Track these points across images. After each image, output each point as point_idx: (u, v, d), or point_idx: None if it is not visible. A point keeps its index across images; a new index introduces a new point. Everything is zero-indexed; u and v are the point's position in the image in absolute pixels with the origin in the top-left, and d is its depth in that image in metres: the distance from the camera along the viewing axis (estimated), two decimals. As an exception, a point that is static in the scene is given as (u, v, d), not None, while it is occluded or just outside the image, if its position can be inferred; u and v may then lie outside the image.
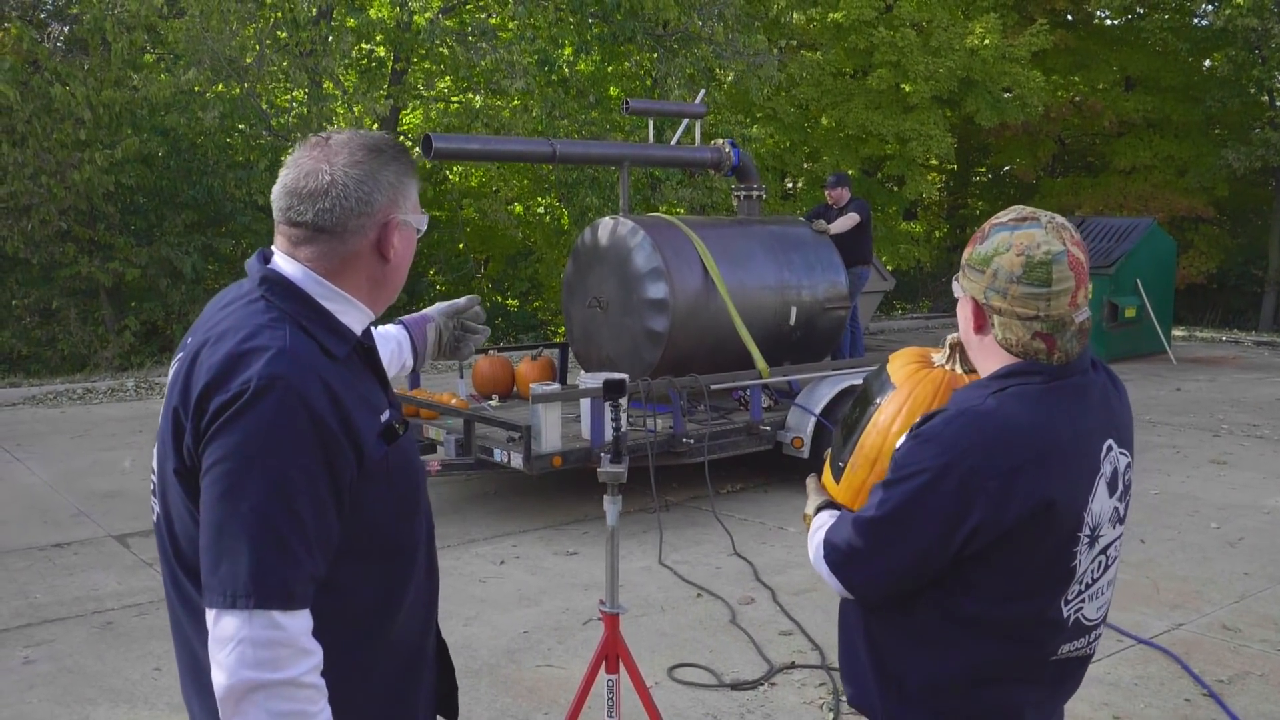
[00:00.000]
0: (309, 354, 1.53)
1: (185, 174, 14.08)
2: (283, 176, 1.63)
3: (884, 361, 2.05)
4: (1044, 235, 1.70)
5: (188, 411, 1.51)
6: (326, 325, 1.60)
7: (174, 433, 1.54)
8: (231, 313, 1.58)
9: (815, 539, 1.87)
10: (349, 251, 1.62)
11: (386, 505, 1.61)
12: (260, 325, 1.53)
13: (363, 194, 1.60)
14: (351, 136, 1.64)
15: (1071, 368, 1.74)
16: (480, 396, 7.74)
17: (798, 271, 7.90)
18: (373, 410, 1.60)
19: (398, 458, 1.63)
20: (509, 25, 15.65)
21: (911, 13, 18.01)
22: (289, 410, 1.46)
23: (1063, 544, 1.71)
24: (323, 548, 1.50)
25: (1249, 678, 4.35)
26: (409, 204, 1.67)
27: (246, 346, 1.50)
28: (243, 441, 1.45)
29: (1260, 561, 5.83)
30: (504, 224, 17.25)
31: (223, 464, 1.45)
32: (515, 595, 5.26)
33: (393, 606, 1.65)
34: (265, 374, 1.46)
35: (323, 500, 1.49)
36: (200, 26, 12.82)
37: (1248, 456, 8.39)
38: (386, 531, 1.62)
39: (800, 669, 4.38)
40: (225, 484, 1.45)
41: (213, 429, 1.47)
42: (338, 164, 1.60)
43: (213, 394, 1.48)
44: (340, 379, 1.55)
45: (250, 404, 1.45)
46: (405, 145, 1.71)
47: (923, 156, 18.68)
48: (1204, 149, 20.85)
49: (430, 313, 2.31)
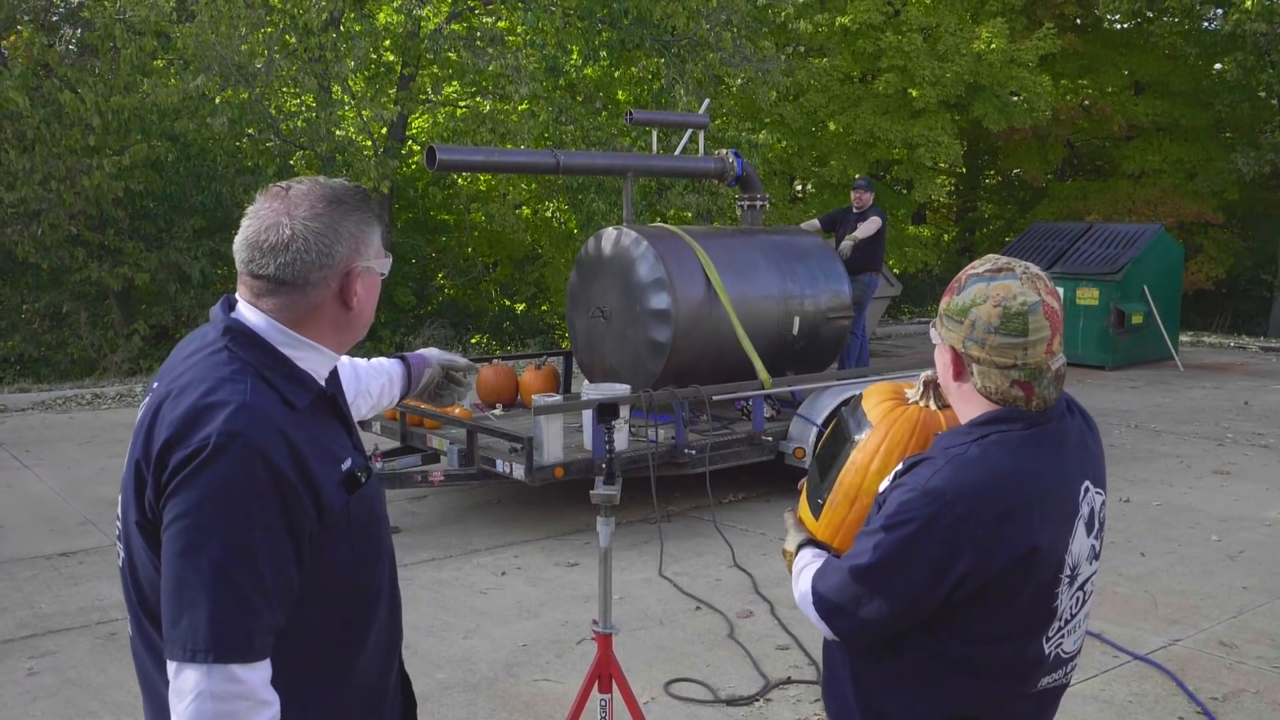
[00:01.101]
0: (270, 408, 1.55)
1: (194, 179, 14.17)
2: (244, 228, 1.64)
3: (858, 397, 2.08)
4: (1019, 286, 1.74)
5: (149, 465, 1.54)
6: (289, 375, 1.62)
7: (136, 485, 1.57)
8: (195, 364, 1.60)
9: (801, 583, 1.90)
10: (311, 303, 1.64)
11: (347, 553, 1.63)
12: (222, 378, 1.55)
13: (323, 246, 1.62)
14: (312, 187, 1.65)
15: (1049, 413, 1.78)
16: (484, 405, 7.78)
17: (801, 281, 7.92)
18: (334, 460, 1.62)
19: (359, 506, 1.65)
20: (517, 30, 15.70)
21: (919, 17, 18.01)
22: (248, 467, 1.49)
23: (1046, 586, 1.76)
24: (282, 599, 1.53)
25: (1244, 695, 4.36)
26: (371, 251, 1.69)
27: (207, 401, 1.52)
28: (202, 498, 1.47)
29: (1260, 575, 5.84)
30: (512, 228, 17.31)
31: (183, 520, 1.48)
32: (515, 607, 5.30)
33: (354, 650, 1.68)
34: (225, 430, 1.49)
35: (282, 554, 1.51)
36: (210, 32, 12.91)
37: (1251, 466, 8.39)
38: (347, 578, 1.65)
39: (796, 684, 4.41)
40: (185, 539, 1.48)
41: (173, 484, 1.49)
42: (298, 216, 1.61)
43: (173, 449, 1.50)
44: (301, 431, 1.57)
45: (210, 460, 1.48)
46: (366, 192, 1.72)
47: (930, 161, 18.67)
48: (1213, 153, 20.79)
49: (430, 357, 2.37)
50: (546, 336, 17.80)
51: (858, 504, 1.93)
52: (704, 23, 14.59)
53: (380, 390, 2.19)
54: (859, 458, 1.95)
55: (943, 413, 1.95)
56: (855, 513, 1.93)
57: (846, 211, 10.63)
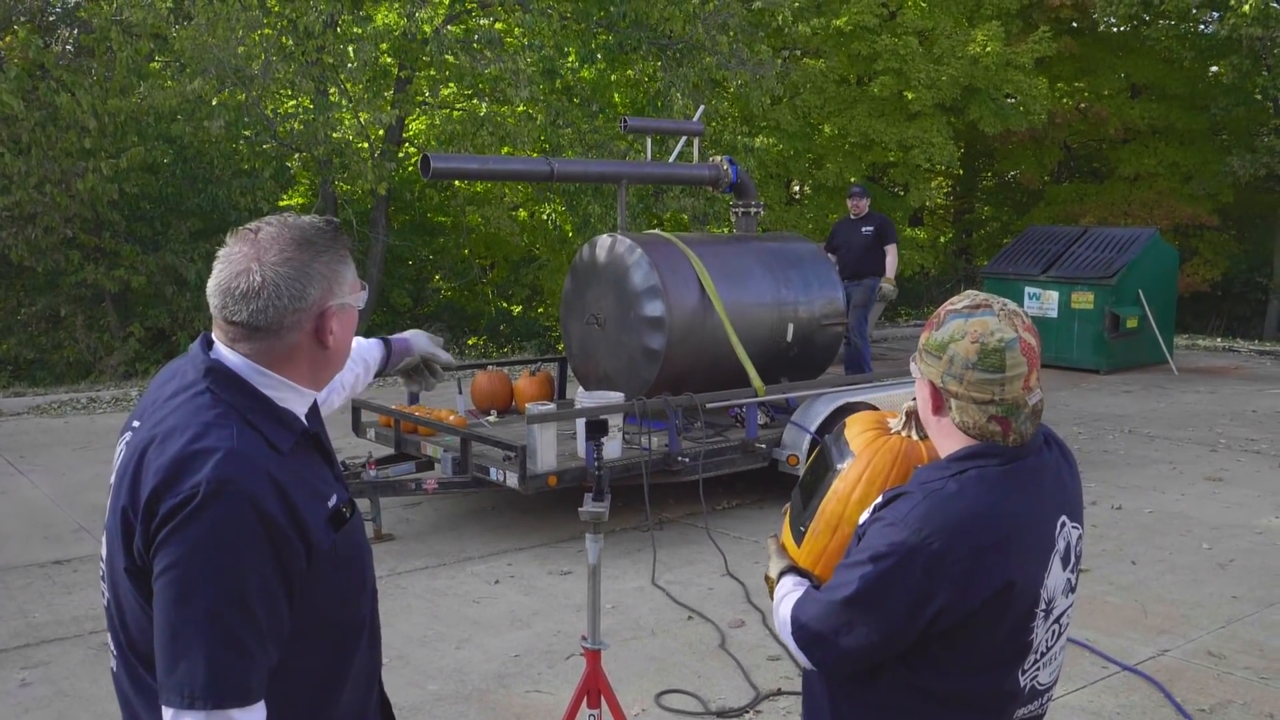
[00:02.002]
0: (256, 452, 1.55)
1: (190, 182, 14.20)
2: (216, 271, 1.64)
3: (841, 426, 2.10)
4: (997, 323, 1.76)
5: (137, 513, 1.54)
6: (271, 416, 1.62)
7: (123, 532, 1.57)
8: (177, 407, 1.60)
9: (781, 611, 1.92)
10: (287, 346, 1.65)
11: (334, 589, 1.65)
12: (207, 423, 1.56)
13: (295, 291, 1.61)
14: (280, 230, 1.65)
15: (1026, 449, 1.81)
16: (479, 412, 7.80)
17: (795, 288, 7.94)
18: (320, 498, 1.64)
19: (345, 542, 1.67)
20: (515, 32, 15.72)
21: (914, 20, 18.05)
22: (239, 513, 1.49)
23: (1022, 620, 1.78)
24: (275, 639, 1.55)
25: (1231, 707, 4.38)
26: (345, 288, 1.69)
27: (194, 448, 1.52)
28: (194, 547, 1.48)
29: (1249, 584, 5.86)
30: (508, 230, 17.34)
31: (175, 569, 1.49)
32: (508, 617, 5.32)
33: (338, 680, 1.69)
34: (214, 478, 1.49)
35: (274, 596, 1.53)
36: (207, 34, 12.92)
37: (1243, 473, 8.41)
38: (333, 613, 1.67)
39: (786, 695, 4.43)
40: (179, 588, 1.48)
41: (163, 533, 1.50)
42: (268, 262, 1.61)
43: (162, 498, 1.50)
44: (288, 472, 1.58)
45: (200, 509, 1.48)
46: (337, 226, 1.71)
47: (926, 164, 18.71)
48: (1209, 156, 20.84)
49: (415, 347, 2.39)
50: (543, 339, 17.83)
51: (839, 533, 1.95)
52: (700, 26, 14.61)
53: (355, 380, 2.22)
54: (840, 487, 1.97)
55: (925, 443, 1.97)
56: (836, 541, 1.95)
57: (845, 221, 10.69)
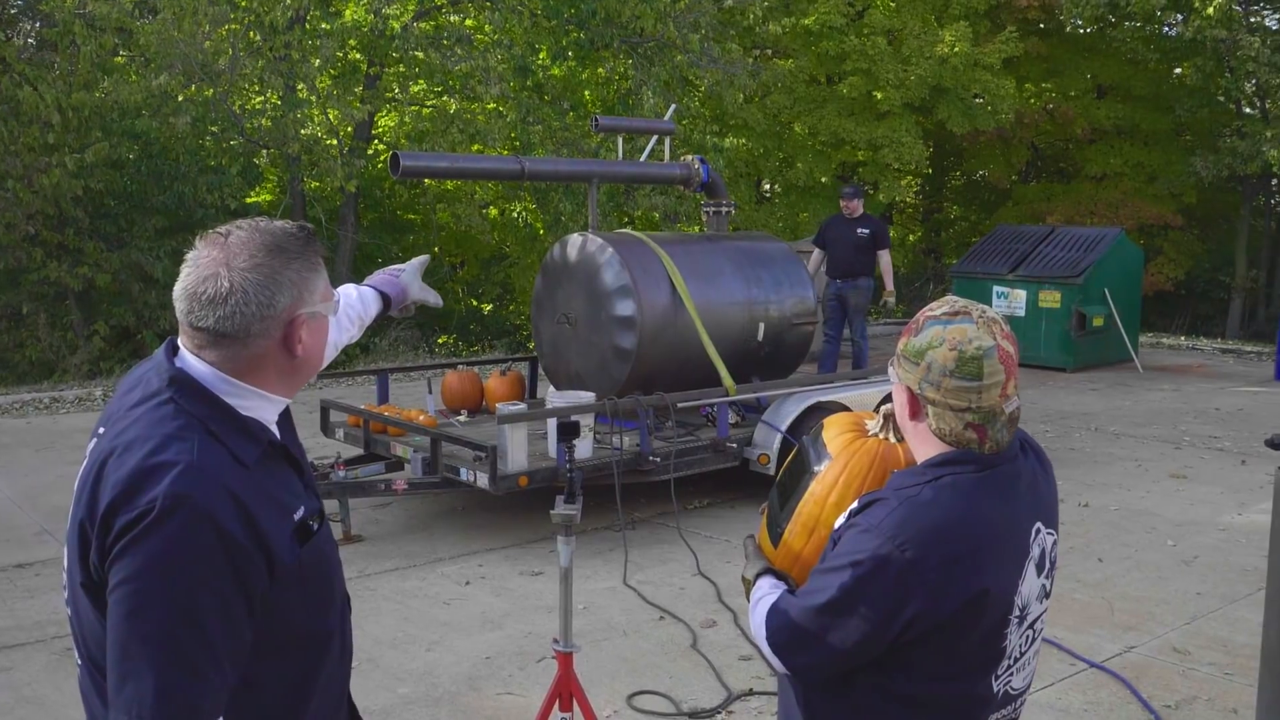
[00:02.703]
0: (218, 466, 1.51)
1: (156, 178, 14.03)
2: (183, 275, 1.60)
3: (819, 427, 2.11)
4: (975, 330, 1.76)
5: (93, 526, 1.50)
6: (237, 428, 1.58)
7: (80, 546, 1.54)
8: (139, 417, 1.56)
9: (756, 614, 1.92)
10: (254, 354, 1.60)
11: (299, 604, 1.61)
12: (168, 435, 1.52)
13: (264, 298, 1.57)
14: (251, 235, 1.61)
15: (1002, 456, 1.81)
16: (449, 412, 7.76)
17: (765, 288, 7.96)
18: (285, 511, 1.60)
19: (311, 556, 1.63)
20: (485, 29, 15.66)
21: (882, 20, 18.14)
22: (195, 530, 1.45)
23: (996, 627, 1.79)
24: (234, 659, 1.51)
25: (1196, 702, 4.43)
26: (316, 296, 1.65)
27: (153, 462, 1.48)
28: (148, 563, 1.44)
29: (1212, 581, 5.93)
30: (478, 228, 17.28)
31: (128, 584, 1.45)
32: (479, 618, 5.29)
33: (306, 695, 1.67)
34: (171, 493, 1.45)
35: (232, 616, 1.49)
36: (172, 28, 12.77)
37: (1207, 470, 8.52)
38: (299, 628, 1.63)
39: (758, 696, 4.44)
40: (130, 604, 1.45)
41: (118, 548, 1.46)
42: (237, 267, 1.57)
43: (118, 511, 1.47)
44: (251, 487, 1.54)
45: (156, 524, 1.44)
46: (310, 232, 1.67)
47: (895, 163, 18.83)
48: (1173, 156, 21.11)
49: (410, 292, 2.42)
50: (513, 337, 17.79)
51: (815, 535, 1.95)
52: (672, 25, 14.62)
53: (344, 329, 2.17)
54: (817, 489, 1.97)
55: (902, 445, 1.98)
56: (813, 544, 1.96)
57: (838, 219, 10.71)
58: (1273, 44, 17.81)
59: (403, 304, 2.38)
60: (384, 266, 2.47)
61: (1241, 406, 11.39)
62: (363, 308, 2.24)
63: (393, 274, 2.40)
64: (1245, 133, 19.02)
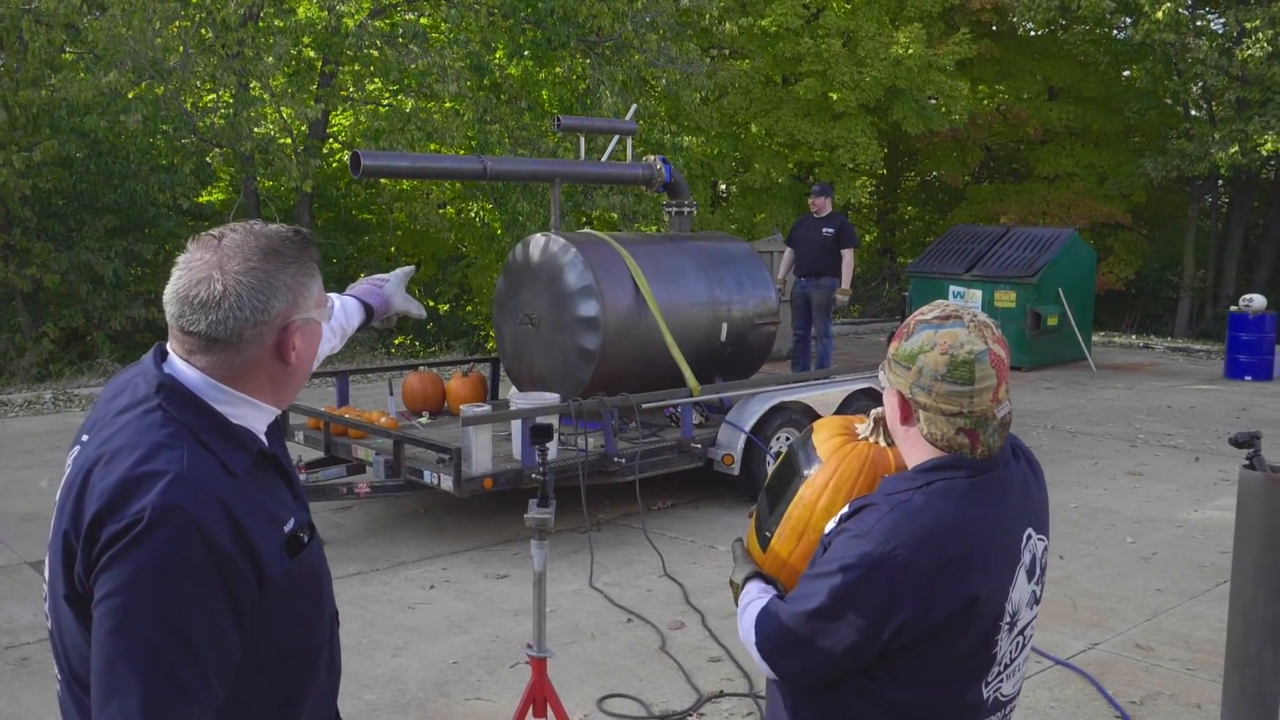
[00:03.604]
0: (208, 476, 1.47)
1: (106, 177, 13.75)
2: (174, 278, 1.55)
3: (809, 430, 2.09)
4: (967, 335, 1.76)
5: (78, 537, 1.45)
6: (227, 436, 1.54)
7: (64, 557, 1.48)
8: (126, 425, 1.51)
9: (745, 619, 1.90)
10: (247, 360, 1.56)
11: (288, 617, 1.57)
12: (157, 444, 1.47)
13: (258, 303, 1.53)
14: (246, 238, 1.57)
15: (994, 461, 1.80)
16: (410, 414, 7.68)
17: (728, 288, 7.96)
18: (275, 523, 1.55)
19: (301, 569, 1.59)
20: (441, 27, 15.54)
21: (837, 22, 18.25)
22: (184, 542, 1.41)
23: (986, 633, 1.78)
24: (222, 675, 1.46)
25: (1160, 698, 4.49)
26: (310, 302, 1.62)
27: (141, 471, 1.44)
28: (135, 575, 1.39)
29: (1171, 577, 6.02)
30: (435, 227, 17.14)
31: (114, 598, 1.40)
32: (445, 623, 5.24)
33: (293, 712, 1.62)
34: (159, 504, 1.40)
35: (221, 629, 1.44)
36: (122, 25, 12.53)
37: (1162, 467, 8.65)
38: (287, 641, 1.59)
39: (729, 698, 4.43)
40: (116, 619, 1.40)
41: (104, 559, 1.41)
42: (230, 270, 1.52)
43: (105, 522, 1.42)
44: (241, 497, 1.50)
45: (143, 536, 1.39)
46: (306, 237, 1.63)
47: (850, 163, 18.95)
48: (1123, 158, 21.45)
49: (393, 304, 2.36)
50: (471, 338, 17.67)
51: (804, 539, 1.94)
52: (629, 24, 14.59)
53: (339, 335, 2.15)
54: (807, 493, 1.96)
55: (892, 450, 1.97)
56: (802, 548, 1.94)
57: (806, 218, 10.78)
58: (1219, 47, 18.14)
59: (385, 315, 2.33)
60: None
61: (1193, 404, 11.59)
62: (345, 318, 2.19)
63: (376, 284, 2.35)
64: (1193, 135, 19.36)
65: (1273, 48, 17.12)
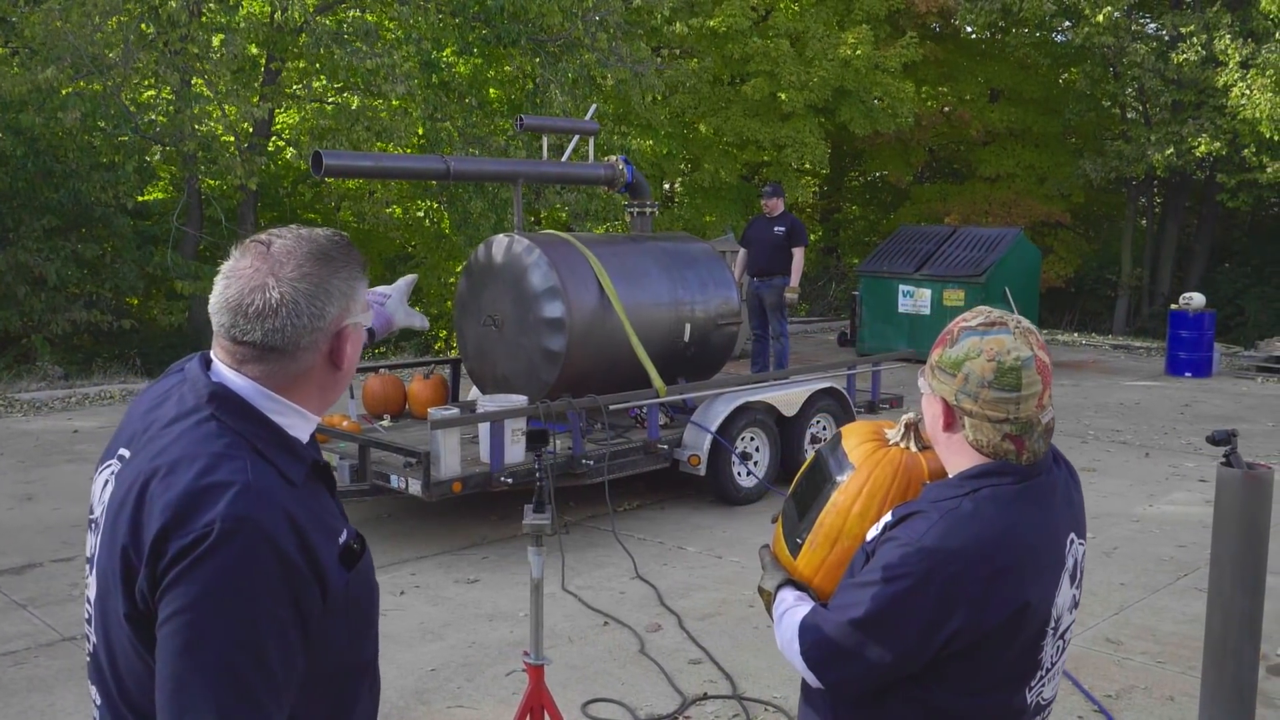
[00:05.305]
0: (272, 487, 1.43)
1: (45, 176, 13.36)
2: (221, 289, 1.50)
3: (837, 435, 2.08)
4: (1013, 341, 1.75)
5: (141, 554, 1.39)
6: (283, 446, 1.50)
7: (124, 574, 1.42)
8: (180, 435, 1.46)
9: (786, 629, 1.87)
10: (301, 368, 1.52)
11: (344, 631, 1.53)
12: (217, 454, 1.42)
13: (315, 309, 1.50)
14: (296, 243, 1.52)
15: (1038, 466, 1.80)
16: (371, 417, 7.57)
17: (691, 288, 7.96)
18: (332, 534, 1.51)
19: (358, 582, 1.55)
20: (388, 24, 15.35)
21: (786, 23, 18.37)
22: (256, 555, 1.36)
23: (1033, 639, 1.78)
24: (289, 693, 1.42)
25: (1134, 692, 4.56)
26: (359, 306, 1.58)
27: (206, 482, 1.39)
28: (206, 590, 1.35)
29: (1134, 571, 6.13)
30: (384, 226, 16.95)
31: (184, 614, 1.35)
32: (418, 629, 5.16)
33: None
34: (230, 515, 1.36)
35: (289, 645, 1.40)
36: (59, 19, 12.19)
37: (1114, 463, 8.81)
38: (342, 657, 1.55)
39: (713, 700, 4.42)
40: (187, 635, 1.35)
41: (171, 575, 1.36)
42: (285, 277, 1.49)
43: (171, 536, 1.37)
44: (302, 507, 1.45)
45: (214, 549, 1.35)
46: (349, 241, 1.59)
47: (797, 163, 19.08)
48: (1062, 158, 21.87)
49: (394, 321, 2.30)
50: (420, 339, 17.48)
51: (839, 546, 1.92)
52: (580, 23, 14.54)
53: None
54: (840, 499, 1.94)
55: (924, 455, 1.96)
56: (836, 554, 1.93)
57: (759, 219, 10.81)
58: (1155, 51, 18.56)
59: (387, 330, 2.27)
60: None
61: (1138, 400, 11.83)
62: None
63: (377, 301, 2.28)
64: (1130, 137, 19.79)
65: (1206, 52, 17.55)
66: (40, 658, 4.79)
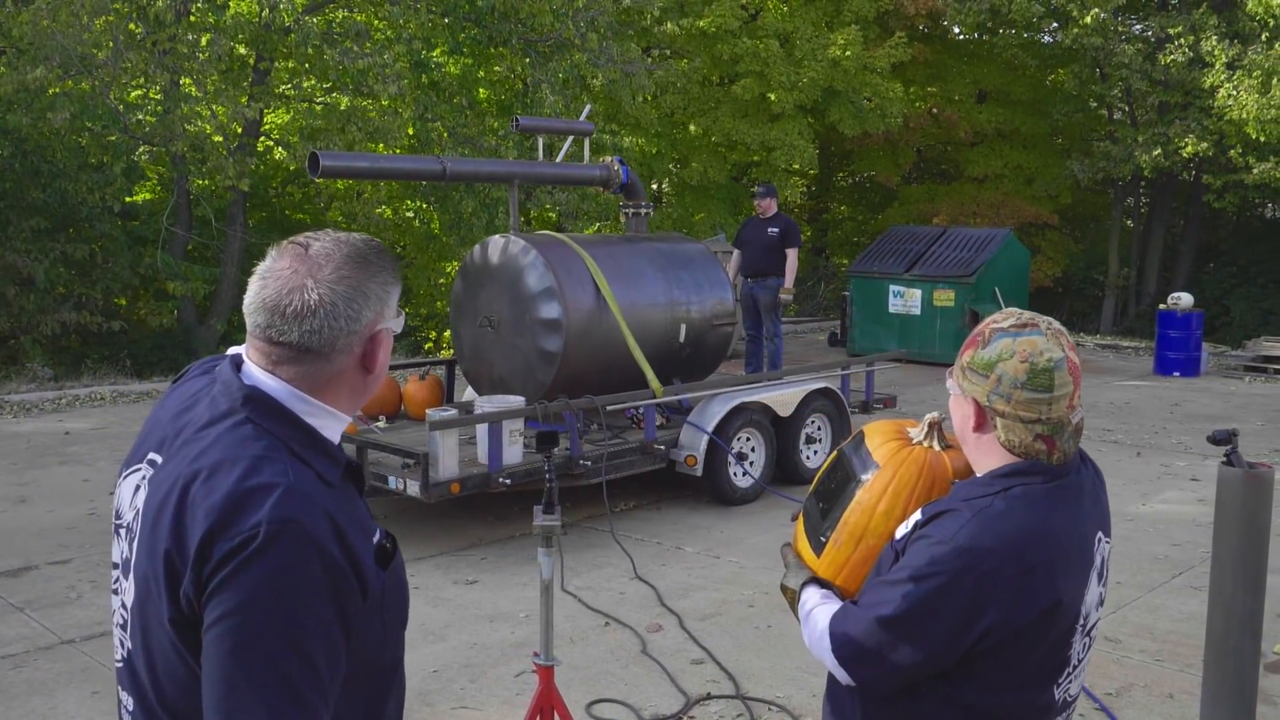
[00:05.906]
0: (313, 488, 1.44)
1: (33, 176, 13.27)
2: (258, 289, 1.51)
3: (859, 434, 2.09)
4: (1045, 342, 1.78)
5: (185, 558, 1.39)
6: (318, 448, 1.51)
7: (168, 579, 1.42)
8: (217, 438, 1.47)
9: (815, 626, 1.88)
10: (335, 370, 1.53)
11: (379, 629, 1.54)
12: (258, 457, 1.43)
13: (352, 312, 1.51)
14: (334, 246, 1.54)
15: (1068, 466, 1.83)
16: (366, 418, 7.55)
17: (686, 289, 7.98)
18: (367, 534, 1.52)
19: (392, 581, 1.56)
20: (378, 24, 15.32)
21: (776, 24, 18.40)
22: (302, 556, 1.37)
23: (1063, 637, 1.80)
24: (334, 692, 1.43)
25: (1134, 689, 4.59)
26: (393, 310, 1.60)
27: (250, 484, 1.40)
28: (254, 592, 1.35)
29: (1130, 570, 6.17)
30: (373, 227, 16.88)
31: (232, 617, 1.35)
32: (419, 630, 5.16)
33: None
34: (276, 517, 1.37)
35: (334, 644, 1.41)
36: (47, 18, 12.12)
37: (1105, 463, 8.83)
38: (376, 654, 1.56)
39: (717, 700, 4.43)
40: (236, 638, 1.35)
41: (218, 578, 1.36)
42: (324, 279, 1.50)
43: (217, 539, 1.37)
44: (340, 508, 1.46)
45: (261, 551, 1.35)
46: (384, 246, 1.61)
47: (786, 164, 19.11)
48: (1050, 159, 21.96)
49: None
50: (410, 339, 17.46)
51: (863, 544, 1.94)
52: (571, 23, 14.54)
53: None
54: (865, 498, 1.95)
55: (948, 454, 1.97)
56: (860, 552, 1.94)
57: (752, 220, 10.83)
58: (1142, 52, 18.65)
59: None
60: None
61: (1128, 400, 11.90)
62: None
63: None
64: (1117, 138, 19.89)
65: (1193, 54, 17.65)
66: (40, 661, 4.77)
